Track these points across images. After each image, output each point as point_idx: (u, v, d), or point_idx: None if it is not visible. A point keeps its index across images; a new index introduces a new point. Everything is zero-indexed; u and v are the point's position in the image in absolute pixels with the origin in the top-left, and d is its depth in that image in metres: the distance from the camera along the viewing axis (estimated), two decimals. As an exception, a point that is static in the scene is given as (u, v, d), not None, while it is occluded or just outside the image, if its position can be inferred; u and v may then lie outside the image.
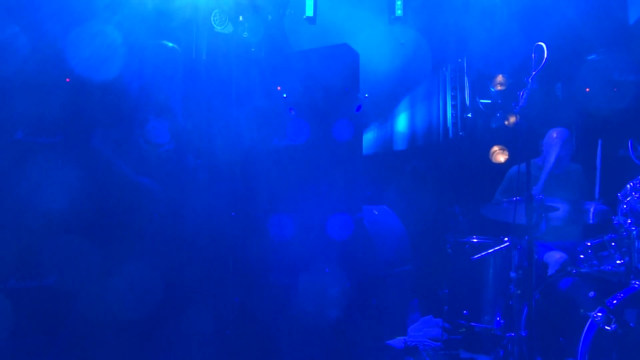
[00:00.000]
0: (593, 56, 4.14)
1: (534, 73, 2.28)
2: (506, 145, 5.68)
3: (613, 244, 2.52)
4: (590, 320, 2.20)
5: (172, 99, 2.87)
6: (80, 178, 3.18)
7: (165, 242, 2.79)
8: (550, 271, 2.93)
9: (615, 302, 2.20)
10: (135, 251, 2.67)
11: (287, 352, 3.20)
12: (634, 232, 2.39)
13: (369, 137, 5.40)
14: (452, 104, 5.71)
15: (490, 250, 2.82)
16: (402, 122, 5.66)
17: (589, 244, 2.65)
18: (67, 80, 3.18)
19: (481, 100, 5.62)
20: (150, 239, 2.69)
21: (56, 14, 3.51)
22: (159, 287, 2.80)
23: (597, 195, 3.01)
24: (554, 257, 2.95)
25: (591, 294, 2.18)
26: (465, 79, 5.77)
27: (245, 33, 4.54)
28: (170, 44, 2.83)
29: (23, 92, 3.04)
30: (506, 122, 5.56)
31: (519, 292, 2.47)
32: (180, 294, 2.81)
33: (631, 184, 2.53)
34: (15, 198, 2.97)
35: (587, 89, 3.86)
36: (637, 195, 2.47)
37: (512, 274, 2.51)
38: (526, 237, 2.19)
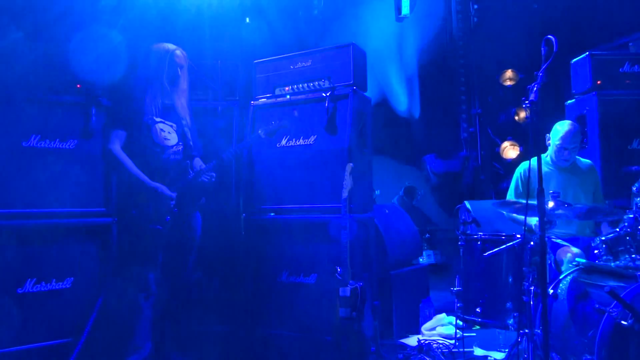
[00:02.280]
0: (603, 48, 4.09)
1: (543, 67, 2.26)
2: (517, 141, 5.65)
3: (628, 238, 2.48)
4: (606, 315, 2.17)
5: (178, 102, 2.86)
6: (94, 182, 3.21)
7: (178, 245, 2.81)
8: (564, 267, 2.89)
9: (631, 296, 2.16)
10: (149, 254, 2.68)
11: (297, 351, 3.20)
12: (649, 226, 2.36)
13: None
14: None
15: (502, 247, 2.79)
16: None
17: (603, 238, 2.62)
18: (78, 86, 3.23)
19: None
20: (164, 241, 2.70)
21: (62, 17, 3.55)
22: (172, 288, 2.82)
23: None
24: (567, 252, 2.92)
25: (606, 288, 2.14)
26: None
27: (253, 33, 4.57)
28: (173, 46, 2.83)
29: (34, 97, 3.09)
30: (516, 118, 5.53)
31: (532, 288, 2.45)
32: (192, 295, 2.82)
33: (645, 177, 2.49)
34: (29, 203, 3.02)
35: (599, 82, 3.81)
36: (652, 188, 2.44)
37: (525, 270, 2.49)
38: (539, 233, 2.17)
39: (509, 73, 5.69)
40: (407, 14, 5.28)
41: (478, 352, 3.23)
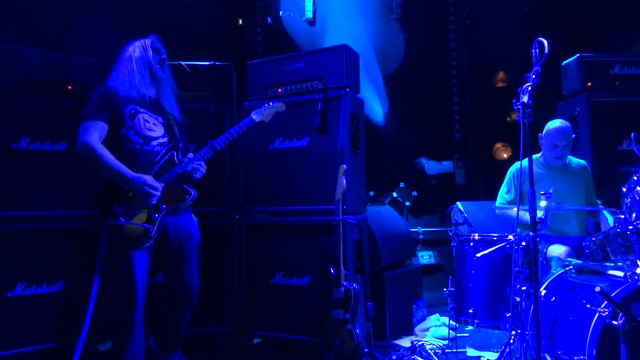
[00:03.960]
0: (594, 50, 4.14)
1: (534, 69, 2.27)
2: (509, 142, 5.68)
3: (618, 238, 2.50)
4: (597, 315, 2.19)
5: (163, 93, 2.73)
6: (85, 184, 3.19)
7: (178, 250, 2.66)
8: (554, 265, 2.91)
9: (622, 296, 2.18)
10: (137, 257, 2.52)
11: (291, 353, 3.20)
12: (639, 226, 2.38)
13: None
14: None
15: (494, 247, 2.81)
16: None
17: (594, 238, 2.64)
18: (69, 88, 3.21)
19: None
20: (156, 244, 2.60)
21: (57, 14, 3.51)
22: (163, 288, 2.78)
23: None
24: (558, 250, 2.94)
25: (597, 288, 2.16)
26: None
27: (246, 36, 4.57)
28: (151, 37, 2.70)
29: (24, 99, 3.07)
30: (508, 119, 5.57)
31: (524, 288, 2.46)
32: (183, 294, 2.72)
33: (635, 177, 2.51)
34: (20, 205, 2.99)
35: (589, 84, 3.84)
36: (641, 189, 2.45)
37: (517, 271, 2.50)
38: (531, 233, 2.19)
39: (501, 75, 5.73)
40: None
41: (471, 352, 3.24)
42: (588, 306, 2.28)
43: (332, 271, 2.82)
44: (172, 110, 2.73)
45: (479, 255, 2.87)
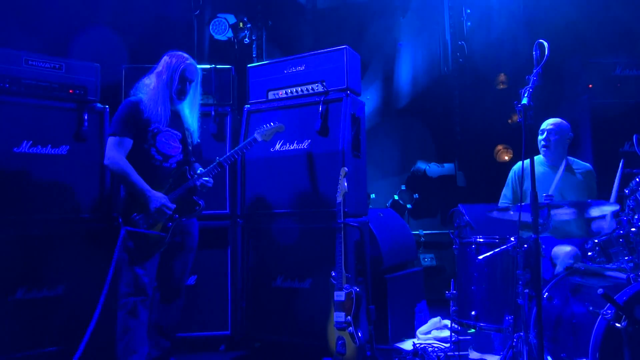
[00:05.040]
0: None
1: (535, 70, 2.27)
2: (510, 144, 5.68)
3: (621, 240, 2.50)
4: (599, 317, 2.18)
5: (186, 110, 2.90)
6: (88, 188, 3.20)
7: (179, 251, 2.83)
8: (560, 265, 2.90)
9: (624, 298, 2.17)
10: (148, 259, 2.66)
11: (292, 357, 3.19)
12: (642, 228, 2.37)
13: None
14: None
15: (496, 250, 2.80)
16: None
17: (596, 240, 2.63)
18: (71, 91, 3.22)
19: None
20: (165, 247, 2.70)
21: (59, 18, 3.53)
22: (171, 293, 2.82)
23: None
24: (563, 250, 2.92)
25: (600, 290, 2.15)
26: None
27: (246, 39, 4.57)
28: (188, 59, 2.84)
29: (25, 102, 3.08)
30: (509, 121, 5.56)
31: (526, 290, 2.46)
32: (189, 299, 2.80)
33: (637, 179, 2.51)
34: (21, 209, 2.99)
35: (590, 85, 3.84)
36: (644, 190, 2.45)
37: (520, 273, 2.50)
38: (533, 236, 2.18)
39: (502, 77, 5.73)
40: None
41: (473, 355, 3.23)
42: (591, 309, 2.27)
43: (334, 274, 2.82)
44: (189, 127, 2.91)
45: (481, 257, 2.86)
